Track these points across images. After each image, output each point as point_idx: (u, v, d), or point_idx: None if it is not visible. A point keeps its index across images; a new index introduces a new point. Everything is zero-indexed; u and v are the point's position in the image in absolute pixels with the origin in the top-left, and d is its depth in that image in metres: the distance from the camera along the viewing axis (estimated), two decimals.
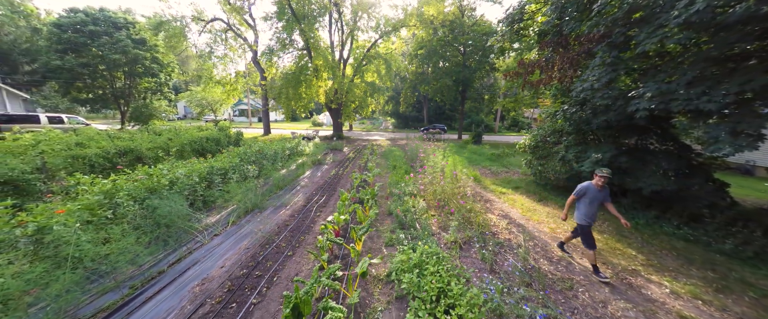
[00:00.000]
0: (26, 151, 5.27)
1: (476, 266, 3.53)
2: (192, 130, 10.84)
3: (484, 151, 13.95)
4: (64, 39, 21.55)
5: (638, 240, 4.46)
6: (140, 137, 8.21)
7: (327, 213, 5.44)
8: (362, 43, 20.77)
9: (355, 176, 7.27)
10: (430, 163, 6.93)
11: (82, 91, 24.53)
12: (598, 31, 4.07)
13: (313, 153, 12.07)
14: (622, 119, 5.08)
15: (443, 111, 38.39)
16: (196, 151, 9.20)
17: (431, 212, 5.31)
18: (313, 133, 20.08)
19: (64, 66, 21.51)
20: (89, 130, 8.25)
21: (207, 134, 10.19)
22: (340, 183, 7.76)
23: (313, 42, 16.69)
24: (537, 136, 6.93)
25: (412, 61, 23.61)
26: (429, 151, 9.83)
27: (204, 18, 20.44)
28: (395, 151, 13.24)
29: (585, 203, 3.40)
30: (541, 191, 6.99)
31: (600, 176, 3.31)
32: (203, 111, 40.46)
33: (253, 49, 20.74)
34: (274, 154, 9.11)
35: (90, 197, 3.49)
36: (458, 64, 20.69)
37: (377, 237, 4.38)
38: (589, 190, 3.40)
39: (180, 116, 46.97)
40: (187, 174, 5.22)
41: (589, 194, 3.38)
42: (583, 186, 3.48)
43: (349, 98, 18.62)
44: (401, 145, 17.35)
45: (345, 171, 9.31)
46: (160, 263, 3.55)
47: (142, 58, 24.31)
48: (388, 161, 10.86)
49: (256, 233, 4.45)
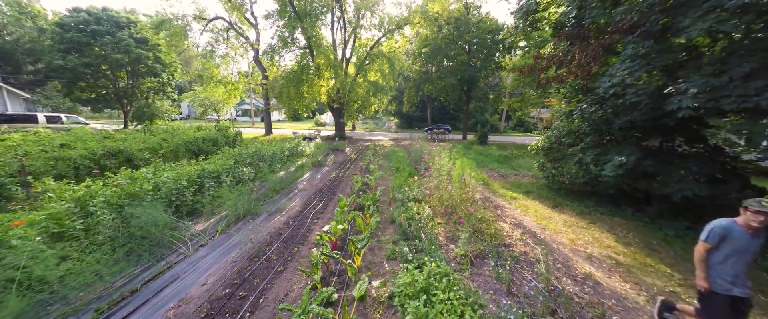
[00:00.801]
0: (5, 153, 4.95)
1: (491, 286, 3.09)
2: (189, 130, 10.54)
3: (491, 152, 13.45)
4: (67, 38, 21.48)
5: (671, 254, 3.98)
6: (132, 138, 7.90)
7: (324, 220, 5.04)
8: (365, 42, 20.38)
9: (356, 178, 6.87)
10: (436, 165, 6.49)
11: (85, 91, 24.52)
12: (629, 19, 3.61)
13: (313, 154, 11.70)
14: (649, 119, 4.61)
15: (447, 111, 37.84)
16: (192, 153, 8.88)
17: (438, 220, 4.88)
18: (314, 134, 19.73)
19: (66, 66, 21.45)
20: (81, 130, 7.97)
21: (203, 134, 9.87)
22: (340, 186, 7.36)
23: (315, 40, 16.33)
24: (551, 138, 6.46)
25: (415, 60, 23.17)
26: (434, 152, 9.40)
27: (205, 17, 20.21)
28: (398, 152, 12.81)
29: (726, 254, 2.10)
30: (554, 196, 6.51)
31: (756, 211, 1.97)
32: (206, 111, 40.50)
33: (254, 47, 20.47)
34: (272, 156, 8.74)
35: (57, 205, 3.12)
36: (463, 62, 20.20)
37: (378, 249, 3.97)
38: (732, 233, 2.08)
39: (183, 116, 47.09)
40: (174, 178, 4.85)
41: (734, 241, 2.07)
42: (719, 226, 2.14)
43: (352, 98, 18.24)
44: (404, 145, 16.91)
45: (346, 173, 8.91)
46: (135, 279, 3.18)
47: (144, 58, 24.21)
48: (391, 162, 10.44)
49: (245, 244, 4.06)
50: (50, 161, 5.11)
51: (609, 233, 4.60)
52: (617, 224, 4.99)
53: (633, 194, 5.71)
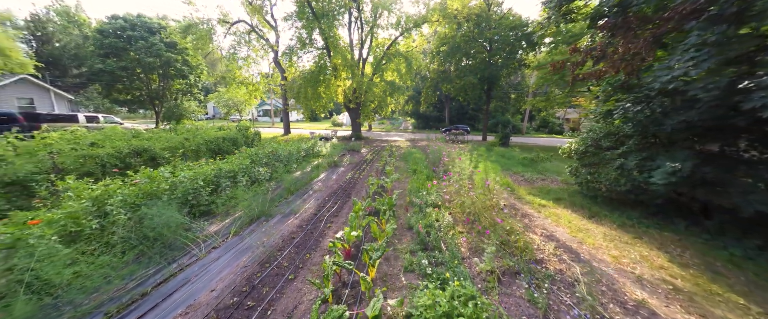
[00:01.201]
0: (41, 151, 5.20)
1: (523, 311, 2.71)
2: (211, 129, 10.82)
3: (514, 154, 12.72)
4: (106, 44, 23.08)
5: (742, 280, 3.36)
6: (157, 137, 8.17)
7: (338, 225, 4.83)
8: (382, 41, 20.19)
9: (372, 181, 6.63)
10: (456, 168, 6.10)
11: (122, 93, 26.31)
12: (692, 3, 3.07)
13: (329, 154, 11.62)
14: (710, 119, 3.97)
15: (466, 111, 36.82)
16: (212, 152, 9.06)
17: (459, 229, 4.51)
18: (331, 134, 19.81)
19: (105, 69, 23.04)
20: (112, 130, 8.36)
21: (224, 134, 10.08)
22: (356, 188, 7.15)
23: (333, 40, 16.34)
24: (586, 140, 5.85)
25: (433, 59, 22.64)
26: (453, 154, 8.97)
27: (229, 20, 20.93)
28: (415, 153, 12.44)
29: None
30: (590, 204, 5.90)
31: None
32: (230, 111, 42.24)
33: (274, 49, 20.93)
34: (288, 156, 8.72)
35: (75, 204, 3.12)
36: (483, 61, 19.44)
37: (394, 259, 3.68)
38: None
39: (209, 116, 49.46)
40: (191, 177, 4.85)
41: None
42: None
43: (368, 98, 18.10)
44: (422, 146, 16.49)
45: (361, 174, 8.71)
46: (147, 282, 3.12)
47: (173, 61, 25.60)
48: (408, 164, 10.11)
49: (257, 247, 3.93)
50: (80, 159, 5.31)
51: (660, 251, 4.01)
52: (669, 240, 4.36)
53: (687, 205, 5.01)
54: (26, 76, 15.15)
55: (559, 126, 35.60)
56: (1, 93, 14.01)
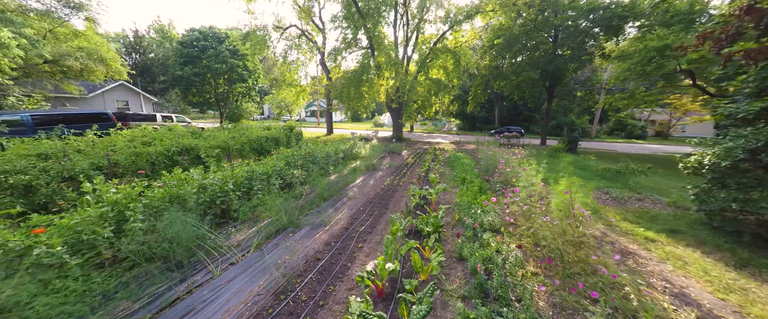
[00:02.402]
0: (100, 148, 5.54)
1: None
2: (258, 129, 11.14)
3: (588, 163, 10.43)
4: (184, 53, 26.56)
5: None
6: (209, 136, 8.52)
7: (371, 245, 4.04)
8: (428, 37, 18.99)
9: (413, 190, 5.71)
10: (523, 182, 4.81)
11: (196, 96, 30.14)
12: None
13: (368, 156, 11.04)
14: None
15: (520, 111, 33.23)
16: (256, 151, 9.18)
17: (531, 267, 3.32)
18: (372, 134, 19.40)
19: (182, 75, 26.54)
20: (174, 127, 9.01)
21: (267, 134, 10.23)
22: (394, 198, 6.31)
23: (377, 39, 15.86)
24: (733, 151, 3.99)
25: (485, 55, 20.58)
26: (512, 161, 7.52)
27: (282, 26, 22.13)
28: (463, 158, 11.08)
29: None
30: (730, 244, 4.03)
31: None
32: (281, 112, 45.55)
33: (321, 50, 21.41)
34: (326, 157, 8.31)
35: (92, 209, 2.89)
36: (546, 53, 16.83)
37: (442, 307, 2.72)
38: None
39: (264, 116, 54.20)
40: (222, 179, 4.58)
41: None
42: None
43: (411, 97, 17.13)
44: (469, 150, 14.91)
45: (401, 181, 7.84)
46: (153, 303, 2.73)
47: (236, 67, 28.35)
48: (455, 171, 8.91)
49: (278, 268, 3.35)
50: (132, 156, 5.52)
51: None
52: None
53: None
54: (123, 82, 18.05)
55: (640, 129, 29.70)
56: (105, 96, 16.91)
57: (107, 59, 14.70)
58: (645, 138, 29.65)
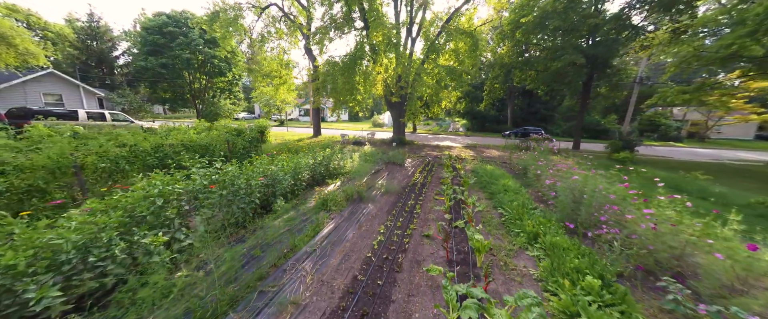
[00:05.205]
0: None
1: None
2: (189, 130, 7.45)
3: (700, 184, 6.76)
4: (149, 41, 22.82)
5: None
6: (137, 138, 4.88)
7: None
8: (436, 16, 15.22)
9: (435, 268, 2.09)
10: None
11: (167, 92, 26.41)
12: None
13: (356, 171, 7.36)
14: None
15: (536, 110, 29.58)
16: (160, 166, 5.46)
17: None
18: (366, 136, 15.72)
19: (147, 67, 22.80)
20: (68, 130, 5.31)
21: (200, 139, 6.53)
22: (395, 290, 2.61)
23: (374, 14, 12.17)
24: None
25: (505, 40, 16.88)
26: (590, 182, 3.90)
27: (259, 5, 18.40)
28: (495, 172, 7.41)
29: None
30: None
31: None
32: (270, 110, 41.72)
33: (305, 33, 17.69)
34: (274, 182, 4.62)
35: None
36: (592, 29, 13.12)
37: None
38: None
39: (255, 116, 50.34)
40: None
41: None
42: None
43: (416, 89, 13.43)
44: (494, 157, 11.26)
45: (407, 230, 4.14)
46: None
47: (211, 58, 24.61)
48: (493, 199, 5.26)
49: None
50: None
51: None
52: None
53: None
54: (54, 72, 14.38)
55: (675, 130, 26.10)
56: (27, 87, 13.23)
57: (10, 37, 10.95)
58: (681, 140, 26.06)
